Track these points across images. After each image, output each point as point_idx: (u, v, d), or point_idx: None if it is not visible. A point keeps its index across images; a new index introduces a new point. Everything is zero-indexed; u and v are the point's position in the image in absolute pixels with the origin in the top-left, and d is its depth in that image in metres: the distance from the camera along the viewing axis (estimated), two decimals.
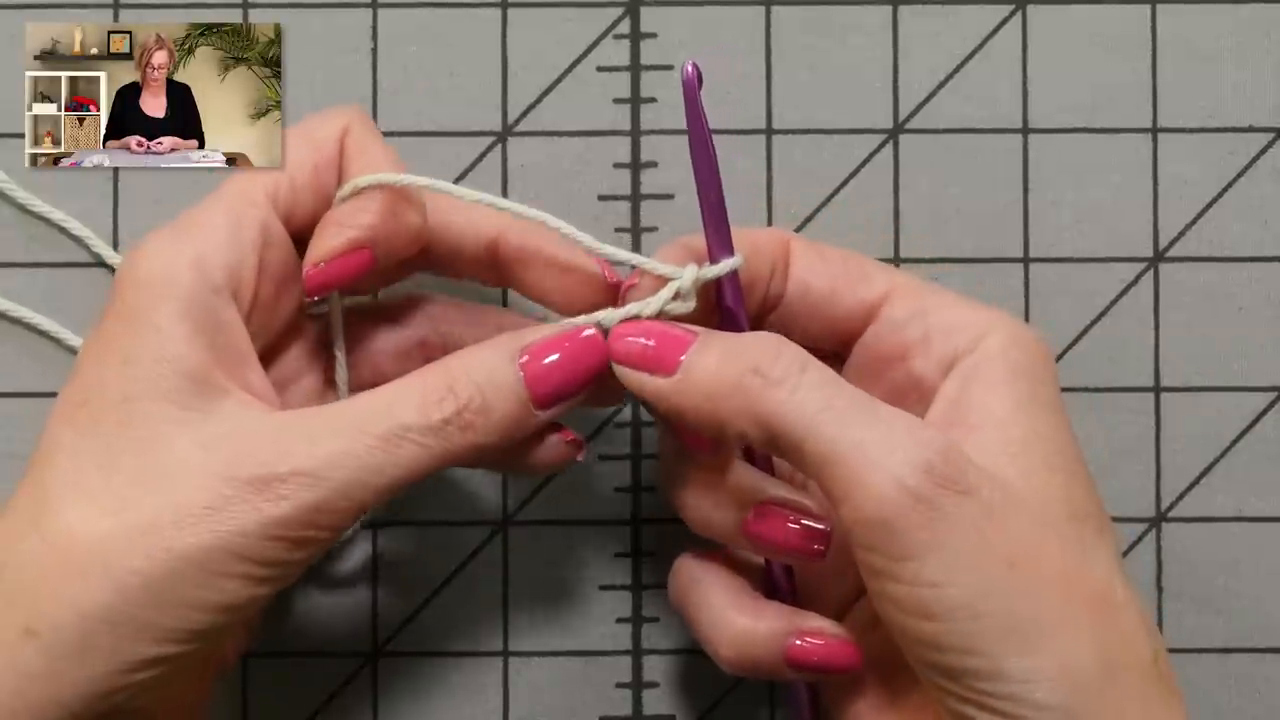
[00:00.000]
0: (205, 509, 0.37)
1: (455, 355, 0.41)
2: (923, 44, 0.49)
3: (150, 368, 0.38)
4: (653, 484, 0.49)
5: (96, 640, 0.37)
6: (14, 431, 0.48)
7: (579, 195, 0.49)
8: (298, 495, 0.38)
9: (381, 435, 0.39)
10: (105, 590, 0.37)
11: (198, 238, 0.40)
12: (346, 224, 0.41)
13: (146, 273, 0.39)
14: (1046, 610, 0.36)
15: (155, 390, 0.38)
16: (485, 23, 0.49)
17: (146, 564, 0.37)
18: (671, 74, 0.49)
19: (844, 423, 0.37)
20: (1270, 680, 0.49)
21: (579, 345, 0.41)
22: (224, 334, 0.39)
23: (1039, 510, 0.38)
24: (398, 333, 0.45)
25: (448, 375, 0.40)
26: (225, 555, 0.37)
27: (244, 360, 0.40)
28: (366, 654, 0.49)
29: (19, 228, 0.49)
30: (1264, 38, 0.49)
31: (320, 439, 0.38)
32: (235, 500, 0.37)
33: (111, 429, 0.38)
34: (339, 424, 0.39)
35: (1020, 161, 0.49)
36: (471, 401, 0.39)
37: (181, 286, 0.39)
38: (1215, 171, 0.49)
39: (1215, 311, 0.49)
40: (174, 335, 0.38)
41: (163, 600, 0.37)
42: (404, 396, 0.39)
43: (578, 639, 0.49)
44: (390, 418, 0.39)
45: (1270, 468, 0.49)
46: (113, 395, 0.38)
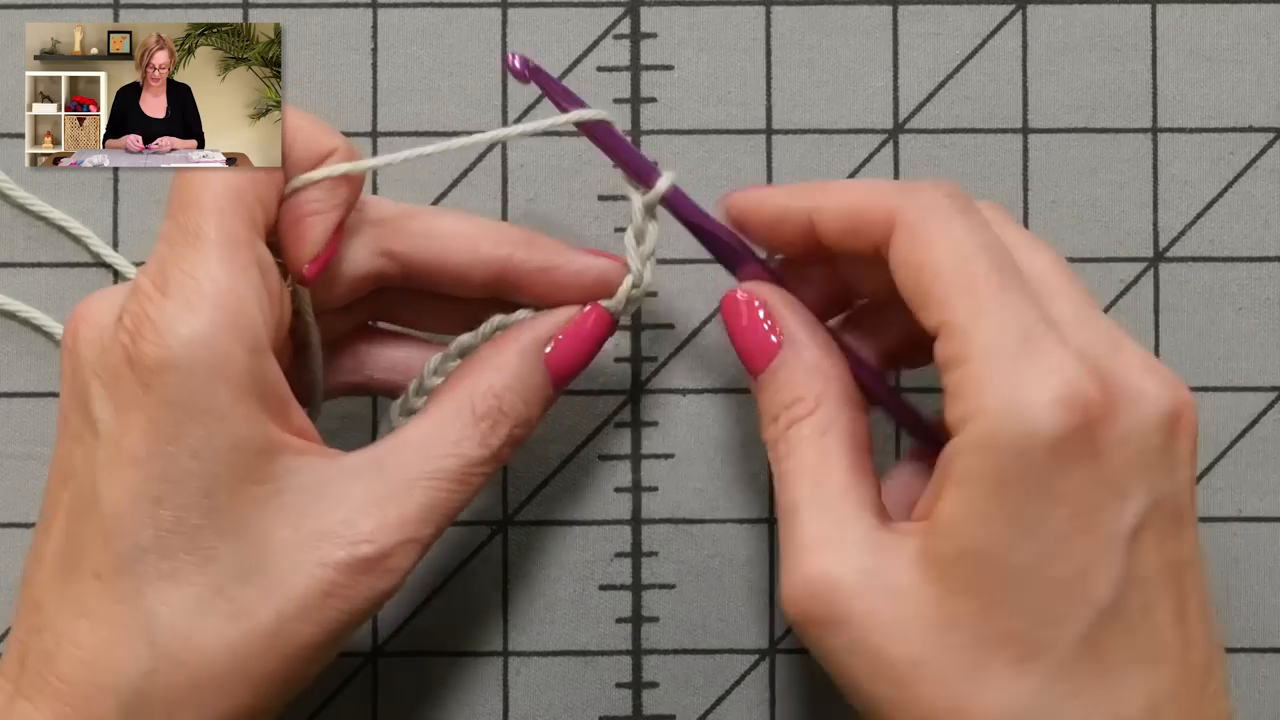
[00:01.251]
0: (323, 597, 0.38)
1: (488, 369, 0.41)
2: (923, 44, 0.49)
3: (222, 457, 0.37)
4: (653, 484, 0.49)
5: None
6: (12, 431, 0.48)
7: (579, 195, 0.49)
8: (403, 565, 0.39)
9: (456, 478, 0.40)
10: (245, 697, 0.37)
11: (222, 304, 0.37)
12: (322, 210, 0.41)
13: (189, 357, 0.37)
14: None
15: (232, 479, 0.37)
16: (485, 23, 0.49)
17: (281, 664, 0.37)
18: (672, 74, 0.49)
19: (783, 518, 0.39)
20: (1270, 680, 0.49)
21: (589, 325, 0.43)
22: (269, 388, 0.38)
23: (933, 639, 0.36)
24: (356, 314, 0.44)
25: (494, 399, 0.41)
26: (346, 632, 0.39)
27: (286, 404, 0.39)
28: (366, 654, 0.49)
29: (19, 228, 0.49)
30: (1264, 38, 0.49)
31: (405, 497, 0.39)
32: (349, 585, 0.38)
33: (199, 525, 0.37)
34: (414, 475, 0.39)
35: (1020, 161, 0.49)
36: (519, 418, 0.41)
37: (234, 365, 0.37)
38: (1215, 171, 0.49)
39: (1215, 311, 0.49)
40: (236, 418, 0.37)
41: (292, 687, 0.38)
42: (462, 430, 0.40)
43: (578, 639, 0.49)
44: (460, 458, 0.40)
45: (1270, 468, 0.49)
46: (191, 491, 0.37)
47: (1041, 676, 0.36)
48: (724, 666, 0.49)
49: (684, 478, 0.49)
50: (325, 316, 0.43)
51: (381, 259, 0.42)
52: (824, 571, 0.37)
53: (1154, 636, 0.37)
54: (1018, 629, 0.36)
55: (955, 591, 0.36)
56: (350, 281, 0.42)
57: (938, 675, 0.36)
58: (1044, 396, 0.36)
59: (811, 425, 0.40)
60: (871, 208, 0.39)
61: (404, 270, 0.43)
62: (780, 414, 0.40)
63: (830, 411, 0.40)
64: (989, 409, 0.36)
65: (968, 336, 0.37)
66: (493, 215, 0.49)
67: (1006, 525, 0.36)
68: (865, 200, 0.40)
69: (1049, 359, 0.36)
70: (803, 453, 0.39)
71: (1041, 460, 0.36)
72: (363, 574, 0.38)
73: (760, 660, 0.49)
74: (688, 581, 0.49)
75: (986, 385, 0.36)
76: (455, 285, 0.43)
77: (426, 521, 0.39)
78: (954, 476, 0.37)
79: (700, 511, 0.49)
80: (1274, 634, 0.49)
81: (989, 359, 0.36)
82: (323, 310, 0.43)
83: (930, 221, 0.38)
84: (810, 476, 0.39)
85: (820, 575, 0.37)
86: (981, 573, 0.36)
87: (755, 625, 0.49)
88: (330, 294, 0.43)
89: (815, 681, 0.49)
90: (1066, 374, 0.36)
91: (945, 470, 0.37)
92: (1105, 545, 0.36)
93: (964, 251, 0.38)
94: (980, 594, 0.36)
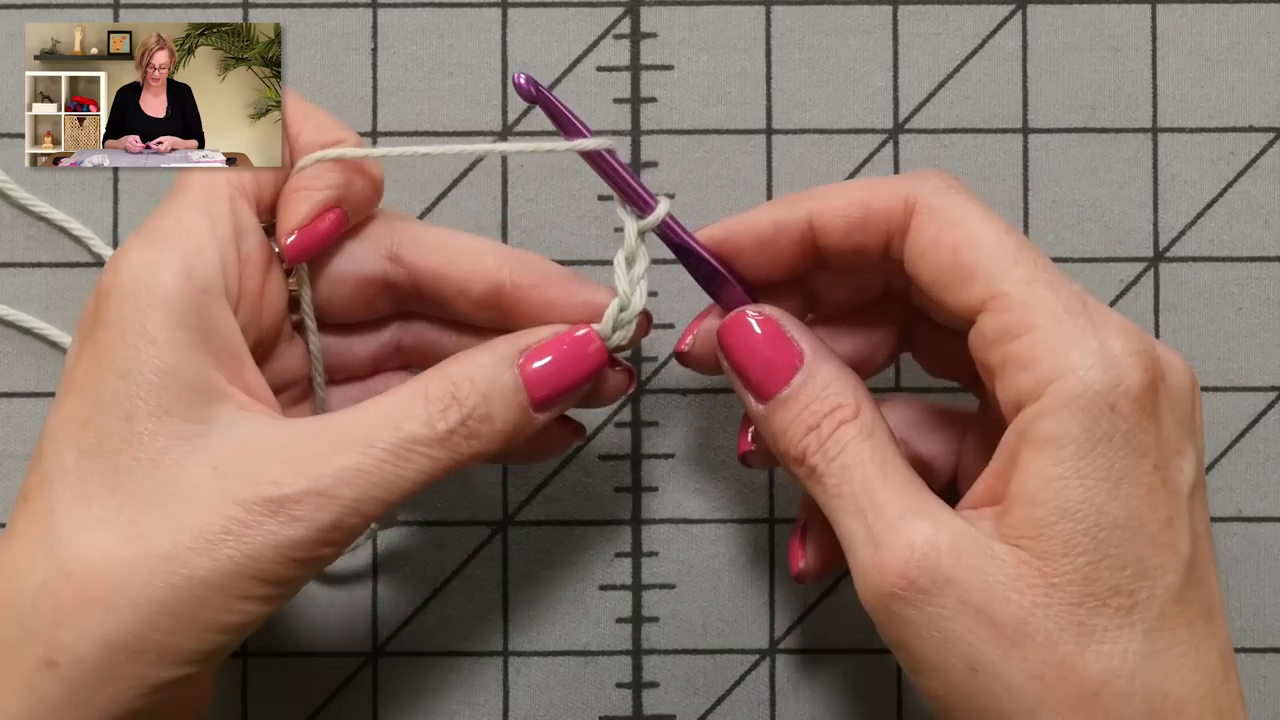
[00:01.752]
0: (222, 533, 0.37)
1: (454, 361, 0.41)
2: (923, 44, 0.49)
3: (149, 382, 0.38)
4: (653, 484, 0.49)
5: (118, 669, 0.37)
6: (12, 431, 0.48)
7: (579, 195, 0.49)
8: (311, 516, 0.38)
9: (390, 449, 0.38)
10: (128, 620, 0.37)
11: (177, 240, 0.39)
12: (312, 188, 0.41)
13: (132, 281, 0.38)
14: (1014, 713, 0.37)
15: (157, 406, 0.38)
16: (485, 23, 0.49)
17: (168, 591, 0.37)
18: (672, 74, 0.49)
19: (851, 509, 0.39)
20: (1270, 680, 0.49)
21: (575, 345, 0.41)
22: (218, 335, 0.39)
23: (1037, 599, 0.37)
24: (374, 338, 0.45)
25: (450, 384, 0.40)
26: (243, 578, 0.37)
27: (240, 359, 0.40)
28: (366, 654, 0.49)
29: (19, 228, 0.49)
30: (1264, 38, 0.49)
31: (329, 455, 0.38)
32: (250, 524, 0.37)
33: (117, 449, 0.38)
34: (347, 438, 0.38)
35: (1020, 161, 0.49)
36: (476, 410, 0.40)
37: (171, 292, 0.38)
38: (1215, 171, 0.49)
39: (1215, 311, 0.49)
40: (169, 345, 0.38)
41: (183, 625, 0.37)
42: (409, 408, 0.39)
43: (578, 639, 0.49)
44: (397, 430, 0.39)
45: (1270, 468, 0.49)
46: (114, 414, 0.38)
47: (1142, 629, 0.37)
48: (724, 666, 0.49)
49: (684, 478, 0.49)
50: (346, 341, 0.44)
51: (388, 263, 0.43)
52: (924, 537, 0.37)
53: (1212, 592, 0.38)
54: (1119, 583, 0.37)
55: (1055, 554, 0.37)
56: (356, 280, 0.43)
57: (1045, 634, 0.37)
58: (1126, 351, 0.37)
59: (858, 426, 0.40)
60: (880, 198, 0.40)
61: (410, 276, 0.43)
62: (821, 422, 0.40)
63: (871, 413, 0.40)
64: (1075, 366, 0.37)
65: (1028, 305, 0.38)
66: (493, 215, 0.49)
67: (1102, 480, 0.37)
68: (870, 193, 0.40)
69: (1111, 320, 0.38)
70: (856, 449, 0.39)
71: (1127, 413, 0.37)
72: (265, 515, 0.37)
73: (760, 660, 0.49)
74: (688, 581, 0.49)
75: (1066, 346, 0.37)
76: (457, 296, 0.43)
77: (346, 483, 0.38)
78: (1038, 440, 0.37)
79: (700, 511, 0.49)
80: (1274, 634, 0.49)
81: (1059, 322, 0.37)
82: (339, 316, 0.44)
83: (952, 202, 0.39)
84: (875, 466, 0.39)
85: (921, 541, 0.37)
86: (1081, 531, 0.37)
87: (755, 625, 0.49)
88: (338, 292, 0.43)
89: (815, 681, 0.49)
90: (1132, 332, 0.38)
91: (1022, 439, 0.37)
92: (1178, 498, 0.38)
93: (998, 227, 0.39)
94: (1082, 552, 0.37)
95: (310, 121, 0.42)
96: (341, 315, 0.44)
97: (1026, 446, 0.37)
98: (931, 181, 0.40)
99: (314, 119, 0.42)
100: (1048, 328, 0.37)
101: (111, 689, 0.37)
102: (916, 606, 0.37)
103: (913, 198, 0.40)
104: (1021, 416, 0.37)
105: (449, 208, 0.49)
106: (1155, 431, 0.37)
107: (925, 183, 0.40)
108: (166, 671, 0.37)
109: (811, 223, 0.41)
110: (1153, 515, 0.37)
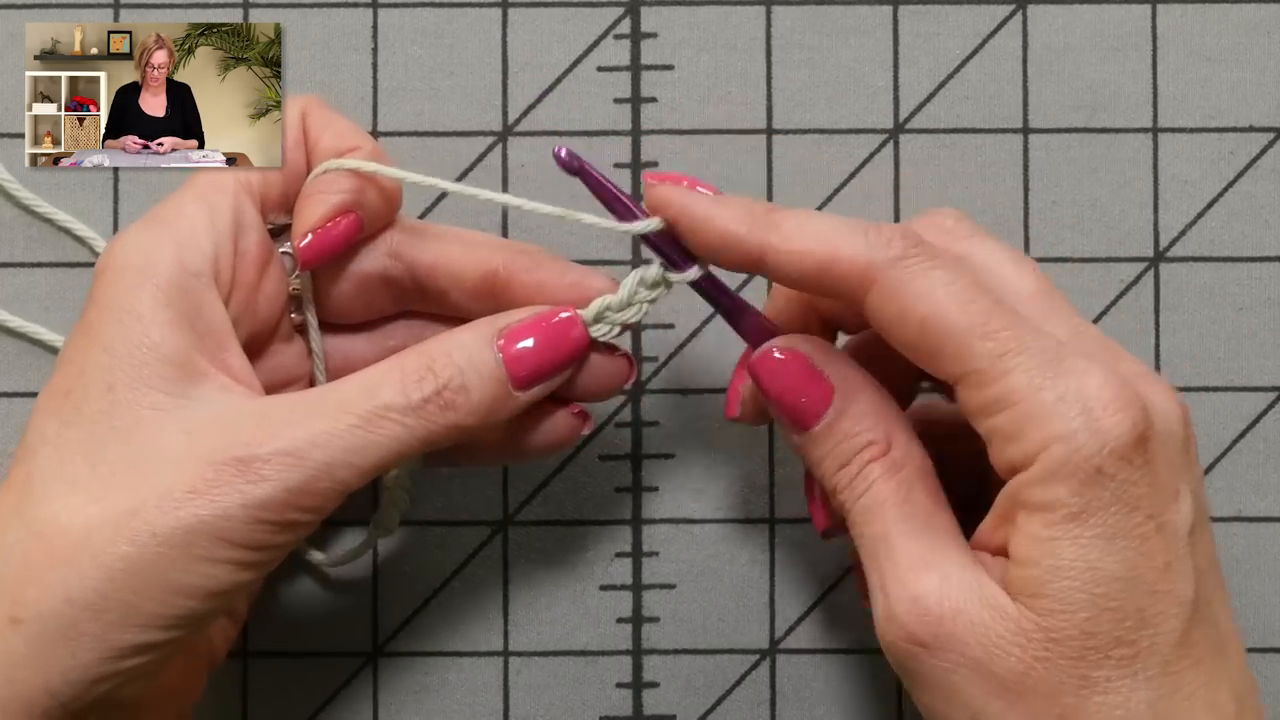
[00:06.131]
0: (188, 492, 0.37)
1: (434, 339, 0.41)
2: (923, 44, 0.49)
3: (131, 355, 0.38)
4: (653, 484, 0.49)
5: (83, 627, 0.37)
6: (12, 431, 0.48)
7: (579, 195, 0.49)
8: (280, 475, 0.38)
9: (363, 415, 0.39)
10: (91, 576, 0.37)
11: (173, 225, 0.40)
12: (328, 191, 0.42)
13: (124, 261, 0.39)
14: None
15: (137, 378, 0.38)
16: (485, 23, 0.49)
17: (131, 549, 0.37)
18: (672, 74, 0.49)
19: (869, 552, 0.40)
20: (1270, 680, 0.49)
21: (556, 327, 0.41)
22: (204, 318, 0.40)
23: (1038, 654, 0.37)
24: (378, 342, 0.45)
25: (427, 356, 0.40)
26: (209, 538, 0.37)
27: (225, 344, 0.40)
28: (366, 654, 0.49)
29: (19, 228, 0.49)
30: (1264, 38, 0.49)
31: (302, 420, 0.38)
32: (217, 482, 0.37)
33: (95, 418, 0.38)
34: (321, 405, 0.39)
35: (1020, 161, 0.49)
36: (451, 381, 0.40)
37: (160, 273, 0.39)
38: (1215, 171, 0.49)
39: (1215, 311, 0.49)
40: (154, 321, 0.39)
41: (148, 585, 0.37)
42: (385, 377, 0.40)
43: (578, 639, 0.49)
44: (371, 398, 0.39)
45: (1270, 468, 0.49)
46: (95, 385, 0.38)
47: (1145, 676, 0.37)
48: (724, 666, 0.49)
49: (684, 478, 0.49)
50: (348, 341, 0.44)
51: (388, 259, 0.43)
52: (929, 590, 0.38)
53: (1219, 626, 0.38)
54: (1120, 634, 0.37)
55: (1054, 610, 0.37)
56: (358, 277, 0.43)
57: (1048, 687, 0.37)
58: (1107, 410, 0.37)
59: (887, 463, 0.40)
60: (839, 260, 0.39)
61: (409, 271, 0.43)
62: (851, 459, 0.40)
63: (902, 448, 0.40)
64: (1058, 434, 0.36)
65: (1001, 380, 0.37)
66: (493, 215, 0.49)
67: (1095, 538, 0.37)
68: (829, 250, 0.39)
69: (1090, 377, 0.37)
70: (880, 489, 0.40)
71: (1115, 472, 0.36)
72: (232, 474, 0.37)
73: (760, 660, 0.49)
74: (688, 581, 0.49)
75: (1046, 417, 0.37)
76: (453, 286, 0.43)
77: (318, 445, 0.38)
78: (1030, 505, 0.37)
79: (700, 511, 0.49)
80: (1274, 634, 0.49)
81: (1036, 393, 0.37)
82: (341, 315, 0.44)
83: (912, 273, 0.38)
84: (895, 509, 0.39)
85: (926, 594, 0.38)
86: (1077, 588, 0.37)
87: (755, 625, 0.49)
88: (340, 290, 0.43)
89: (816, 682, 0.49)
90: (1113, 386, 0.37)
91: (1015, 501, 0.38)
92: (1176, 543, 0.37)
93: (963, 296, 0.38)
94: (1080, 607, 0.37)
95: (330, 128, 0.43)
96: (344, 314, 0.44)
97: (1020, 509, 0.38)
98: (895, 248, 0.38)
99: (334, 126, 0.43)
100: (1027, 400, 0.37)
101: (74, 646, 0.37)
102: (919, 660, 0.38)
103: (873, 270, 0.38)
104: (1012, 483, 0.38)
105: (449, 208, 0.49)
106: (1148, 482, 0.37)
107: (888, 250, 0.38)
108: (131, 635, 0.37)
109: (765, 261, 0.40)
110: (1149, 564, 0.37)
